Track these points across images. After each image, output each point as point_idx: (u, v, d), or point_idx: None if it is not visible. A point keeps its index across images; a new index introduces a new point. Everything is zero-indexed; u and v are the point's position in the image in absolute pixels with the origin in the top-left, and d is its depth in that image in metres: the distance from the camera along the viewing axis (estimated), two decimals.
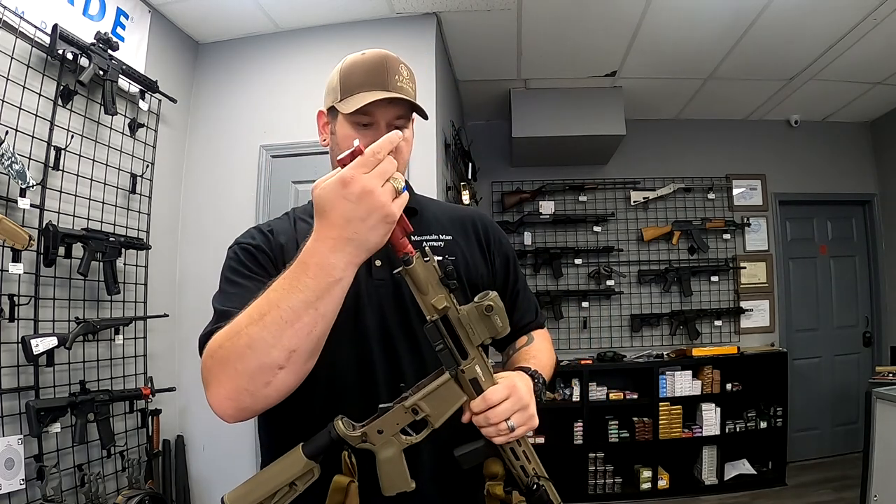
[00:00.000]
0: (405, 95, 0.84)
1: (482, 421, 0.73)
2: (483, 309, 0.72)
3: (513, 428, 0.73)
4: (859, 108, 4.01)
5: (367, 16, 2.70)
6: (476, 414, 0.73)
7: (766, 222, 4.14)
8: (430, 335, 0.72)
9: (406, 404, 0.73)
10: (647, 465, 3.59)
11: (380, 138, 0.79)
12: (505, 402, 0.73)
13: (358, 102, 0.81)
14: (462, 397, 0.74)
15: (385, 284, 0.87)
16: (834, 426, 4.11)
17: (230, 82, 2.82)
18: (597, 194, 4.10)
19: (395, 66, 0.85)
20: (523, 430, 0.75)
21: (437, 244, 0.91)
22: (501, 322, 0.72)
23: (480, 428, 0.74)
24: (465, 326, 0.72)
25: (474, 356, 0.73)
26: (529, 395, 0.77)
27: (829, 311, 4.21)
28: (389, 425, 0.73)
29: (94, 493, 1.96)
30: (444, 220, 0.97)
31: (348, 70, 0.86)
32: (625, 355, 3.84)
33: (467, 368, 0.73)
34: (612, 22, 2.84)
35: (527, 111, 3.61)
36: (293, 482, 0.71)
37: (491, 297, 0.72)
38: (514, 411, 0.73)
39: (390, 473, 0.73)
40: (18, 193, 1.81)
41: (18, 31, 1.82)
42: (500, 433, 0.73)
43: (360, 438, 0.72)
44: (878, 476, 2.35)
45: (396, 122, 0.85)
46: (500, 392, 0.73)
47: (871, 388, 2.45)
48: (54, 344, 1.87)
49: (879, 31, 2.87)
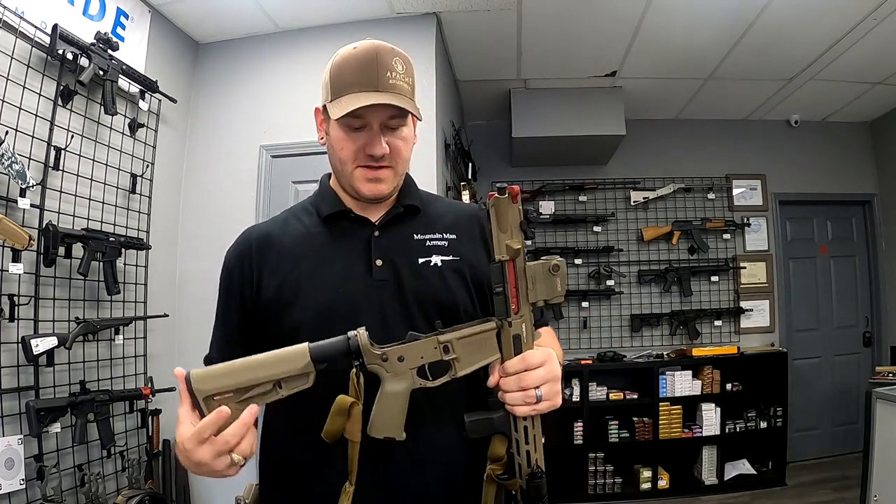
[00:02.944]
0: (398, 93, 0.81)
1: (513, 384, 0.70)
2: (550, 267, 0.70)
3: (540, 397, 0.70)
4: (859, 108, 4.01)
5: (367, 16, 2.69)
6: (508, 375, 0.71)
7: (766, 222, 4.14)
8: (493, 275, 0.70)
9: (440, 338, 0.70)
10: (647, 465, 3.59)
11: (374, 140, 0.80)
12: (540, 369, 0.71)
13: (345, 107, 0.79)
14: (496, 354, 0.71)
15: (386, 285, 0.85)
16: (834, 426, 4.11)
17: (230, 82, 2.82)
18: (597, 194, 4.10)
19: (388, 62, 0.81)
20: (547, 406, 0.72)
21: (442, 243, 0.89)
22: (561, 287, 0.71)
23: (506, 393, 0.71)
24: (528, 278, 0.70)
25: (525, 314, 0.71)
26: (560, 370, 0.75)
27: (829, 311, 4.20)
28: (413, 356, 0.70)
29: (94, 493, 1.96)
30: (448, 218, 0.94)
31: (338, 68, 0.83)
32: (625, 355, 3.84)
33: (515, 323, 0.71)
34: (612, 22, 2.84)
35: (527, 111, 3.61)
36: (280, 381, 0.66)
37: (557, 259, 0.71)
38: (547, 381, 0.71)
39: (388, 411, 0.69)
40: (18, 193, 1.81)
41: (18, 31, 1.82)
42: (527, 400, 0.70)
43: (380, 357, 0.69)
44: (878, 476, 2.34)
45: (390, 123, 0.83)
46: (539, 356, 0.71)
47: (871, 388, 2.45)
48: (54, 344, 1.87)
49: (879, 31, 2.87)
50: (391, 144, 0.84)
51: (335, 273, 0.85)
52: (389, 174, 0.86)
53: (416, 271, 0.86)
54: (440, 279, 0.86)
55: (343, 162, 0.85)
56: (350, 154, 0.84)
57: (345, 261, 0.86)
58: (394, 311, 0.83)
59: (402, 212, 0.91)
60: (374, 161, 0.83)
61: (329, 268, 0.85)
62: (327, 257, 0.87)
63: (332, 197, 0.91)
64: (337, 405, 0.69)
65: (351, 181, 0.86)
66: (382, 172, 0.85)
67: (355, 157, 0.84)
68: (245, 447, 0.66)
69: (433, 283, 0.86)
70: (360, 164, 0.84)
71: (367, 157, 0.83)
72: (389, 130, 0.84)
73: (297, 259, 0.87)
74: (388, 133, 0.83)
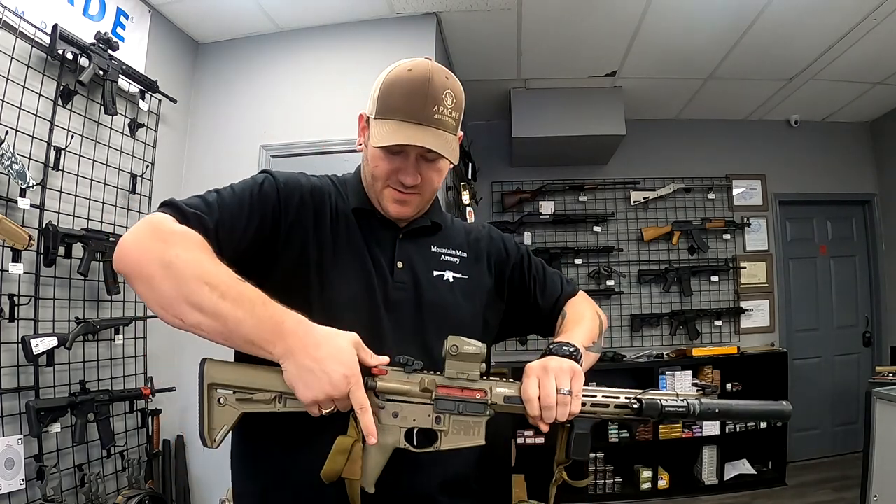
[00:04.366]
0: (443, 129, 0.81)
1: (548, 415, 0.73)
2: (450, 354, 0.72)
3: (569, 392, 0.73)
4: (859, 108, 4.01)
5: (367, 16, 2.69)
6: (540, 417, 0.73)
7: (766, 222, 4.14)
8: (444, 408, 0.73)
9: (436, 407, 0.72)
10: (647, 465, 3.59)
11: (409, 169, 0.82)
12: (544, 385, 0.73)
13: (386, 137, 0.79)
14: (481, 442, 0.73)
15: (405, 287, 0.87)
16: (834, 426, 4.11)
17: (230, 82, 2.82)
18: (597, 194, 4.10)
19: (438, 95, 0.80)
20: (579, 386, 0.74)
21: (454, 260, 0.93)
22: (473, 347, 0.73)
23: (558, 419, 0.73)
24: (455, 381, 0.72)
25: (487, 386, 0.73)
26: (558, 361, 0.77)
27: (829, 311, 4.20)
28: (407, 415, 0.72)
29: (94, 493, 1.96)
30: (461, 237, 0.98)
31: (389, 87, 0.82)
32: (625, 355, 3.84)
33: (493, 394, 0.73)
34: (612, 22, 2.84)
35: (527, 111, 3.61)
36: (288, 395, 0.67)
37: (448, 342, 0.73)
38: (558, 381, 0.73)
39: (368, 463, 0.70)
40: (18, 193, 1.81)
41: (18, 31, 1.82)
42: (566, 404, 0.72)
43: (379, 406, 0.71)
44: (878, 476, 2.34)
45: (427, 156, 0.83)
46: (531, 383, 0.74)
47: (871, 388, 2.45)
48: (54, 344, 1.87)
49: (879, 31, 2.87)
50: (424, 175, 0.85)
51: (360, 267, 0.86)
52: (417, 199, 0.87)
53: (432, 283, 0.89)
54: (451, 295, 0.90)
55: (375, 178, 0.87)
56: (383, 174, 0.85)
57: (370, 257, 0.88)
58: (409, 316, 0.85)
59: (428, 225, 0.93)
60: (404, 188, 0.85)
61: (356, 260, 0.86)
62: (362, 249, 0.88)
63: (364, 196, 0.92)
64: (338, 445, 0.69)
65: (379, 198, 0.88)
66: (410, 197, 0.87)
67: (387, 177, 0.85)
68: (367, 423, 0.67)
69: (446, 297, 0.89)
70: (390, 185, 0.86)
71: (398, 181, 0.84)
72: (426, 161, 0.85)
73: (342, 241, 0.87)
74: (423, 163, 0.85)
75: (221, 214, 0.78)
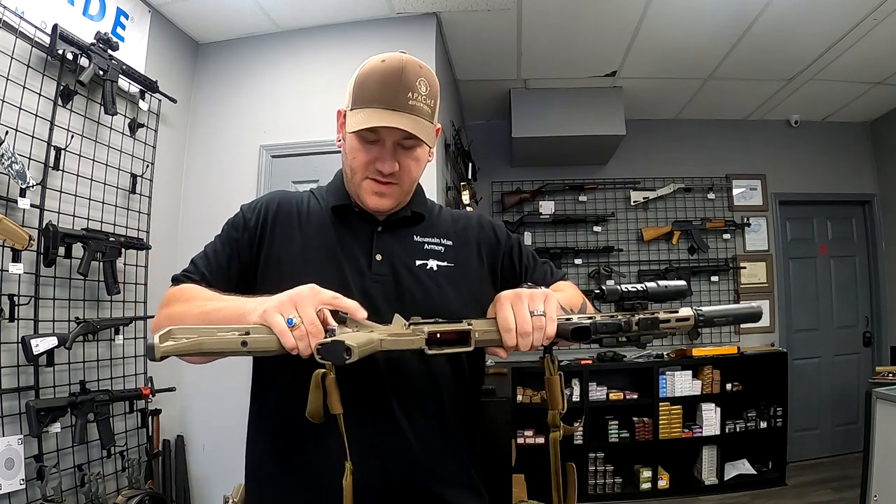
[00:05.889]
0: (417, 115, 0.81)
1: (525, 342, 0.72)
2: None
3: (543, 312, 0.72)
4: (859, 108, 4.01)
5: (367, 16, 2.69)
6: (514, 345, 0.72)
7: (766, 222, 4.14)
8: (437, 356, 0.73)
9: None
10: (647, 465, 3.59)
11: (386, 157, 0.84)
12: (518, 311, 0.72)
13: (361, 122, 0.81)
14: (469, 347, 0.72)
15: (384, 280, 0.87)
16: (834, 426, 4.11)
17: (230, 82, 2.82)
18: (597, 194, 4.10)
19: (411, 82, 0.81)
20: (552, 308, 0.73)
21: (439, 248, 0.93)
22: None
23: (535, 345, 0.72)
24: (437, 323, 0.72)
25: (470, 324, 0.72)
26: (530, 288, 0.76)
27: (829, 311, 4.21)
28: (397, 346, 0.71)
29: (94, 493, 1.96)
30: (447, 225, 0.98)
31: (363, 78, 0.85)
32: (625, 355, 3.83)
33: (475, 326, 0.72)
34: (612, 22, 2.84)
35: (527, 111, 3.61)
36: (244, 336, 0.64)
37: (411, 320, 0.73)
38: (530, 305, 0.72)
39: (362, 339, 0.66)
40: (18, 193, 1.81)
41: (18, 31, 1.82)
42: (541, 327, 0.72)
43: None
44: (878, 476, 2.34)
45: (404, 143, 0.84)
46: (506, 311, 0.72)
47: (871, 388, 2.45)
48: (54, 344, 1.87)
49: (879, 31, 2.87)
50: (402, 163, 0.85)
51: (332, 263, 0.87)
52: (396, 190, 0.88)
53: (413, 273, 0.88)
54: (435, 284, 0.89)
55: (353, 171, 0.87)
56: (361, 165, 0.86)
57: (348, 252, 0.88)
58: (387, 309, 0.83)
59: (408, 216, 0.93)
60: (382, 176, 0.85)
61: (333, 257, 0.88)
62: (334, 246, 0.89)
63: (344, 192, 0.94)
64: (312, 382, 0.68)
65: (358, 191, 0.88)
66: (389, 188, 0.87)
67: (365, 168, 0.86)
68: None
69: (428, 287, 0.88)
70: (368, 175, 0.86)
71: (376, 171, 0.85)
72: (403, 149, 0.85)
73: (310, 240, 0.90)
74: (400, 152, 0.85)
75: (209, 266, 0.89)
